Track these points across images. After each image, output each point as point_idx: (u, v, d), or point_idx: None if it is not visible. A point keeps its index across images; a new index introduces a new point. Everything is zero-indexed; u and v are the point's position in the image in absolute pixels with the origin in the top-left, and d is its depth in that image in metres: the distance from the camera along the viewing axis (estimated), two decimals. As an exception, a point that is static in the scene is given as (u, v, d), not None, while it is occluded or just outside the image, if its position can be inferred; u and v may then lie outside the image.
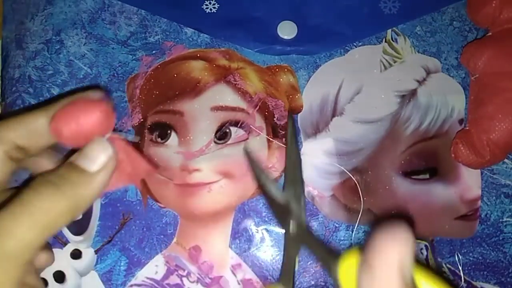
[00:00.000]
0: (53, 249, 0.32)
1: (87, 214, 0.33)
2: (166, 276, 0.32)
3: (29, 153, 0.24)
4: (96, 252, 0.32)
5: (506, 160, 0.33)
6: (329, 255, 0.21)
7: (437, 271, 0.32)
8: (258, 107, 0.34)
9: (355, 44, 0.35)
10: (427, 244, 0.32)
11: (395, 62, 0.34)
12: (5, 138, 0.22)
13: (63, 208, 0.20)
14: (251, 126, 0.33)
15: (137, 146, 0.27)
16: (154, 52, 0.35)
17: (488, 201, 0.33)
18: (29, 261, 0.19)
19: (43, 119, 0.23)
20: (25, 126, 0.23)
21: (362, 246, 0.18)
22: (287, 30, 0.35)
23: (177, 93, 0.34)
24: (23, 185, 0.21)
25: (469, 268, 0.32)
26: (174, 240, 0.32)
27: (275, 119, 0.34)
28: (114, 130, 0.24)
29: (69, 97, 0.24)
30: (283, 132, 0.33)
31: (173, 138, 0.33)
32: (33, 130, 0.23)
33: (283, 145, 0.33)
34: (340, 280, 0.19)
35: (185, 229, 0.32)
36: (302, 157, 0.33)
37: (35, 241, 0.19)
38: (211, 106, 0.34)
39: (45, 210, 0.20)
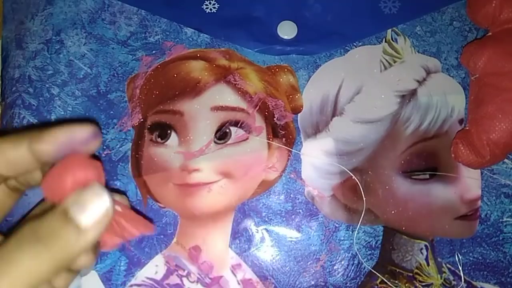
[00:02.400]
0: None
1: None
2: (166, 276, 0.32)
3: (7, 179, 0.23)
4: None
5: (506, 160, 0.33)
6: None
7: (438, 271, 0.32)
8: (258, 107, 0.34)
9: (355, 44, 0.35)
10: (427, 244, 0.32)
11: (395, 62, 0.34)
12: None
13: (47, 267, 0.19)
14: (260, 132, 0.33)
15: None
16: (154, 52, 0.35)
17: (488, 201, 0.33)
18: None
19: (24, 148, 0.21)
20: (3, 155, 0.21)
21: None
22: (287, 30, 0.35)
23: (177, 93, 0.34)
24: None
25: (469, 268, 0.32)
26: (174, 240, 0.32)
27: (275, 119, 0.34)
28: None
29: (51, 129, 0.22)
30: (283, 132, 0.34)
31: (173, 138, 0.33)
32: (11, 160, 0.21)
33: (283, 145, 0.33)
34: None
35: (185, 229, 0.32)
36: (302, 157, 0.33)
37: None
38: (211, 106, 0.34)
39: (27, 270, 0.19)
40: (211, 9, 0.35)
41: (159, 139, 0.33)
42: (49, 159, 0.22)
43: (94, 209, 0.20)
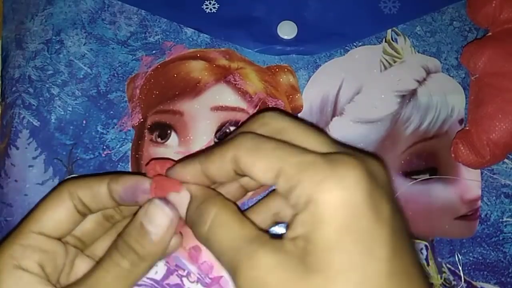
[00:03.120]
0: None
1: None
2: (166, 276, 0.32)
3: (92, 211, 0.26)
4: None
5: (506, 160, 0.33)
6: None
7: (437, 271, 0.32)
8: (258, 107, 0.34)
9: (355, 44, 0.35)
10: (427, 244, 0.32)
11: (395, 62, 0.34)
12: (74, 194, 0.25)
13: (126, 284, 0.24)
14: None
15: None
16: (154, 52, 0.35)
17: (488, 201, 0.33)
18: None
19: (104, 187, 0.25)
20: (90, 188, 0.25)
21: None
22: (287, 30, 0.35)
23: (177, 93, 0.34)
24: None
25: (469, 268, 0.32)
26: (174, 240, 0.32)
27: (275, 119, 0.34)
28: None
29: (127, 174, 0.26)
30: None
31: (173, 138, 0.33)
32: (96, 193, 0.25)
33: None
34: None
35: (185, 229, 0.32)
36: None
37: None
38: (211, 106, 0.34)
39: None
40: (211, 9, 0.35)
41: (159, 139, 0.33)
42: (118, 199, 0.25)
43: (160, 221, 0.24)
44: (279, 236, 0.21)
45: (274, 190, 0.28)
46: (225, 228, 0.22)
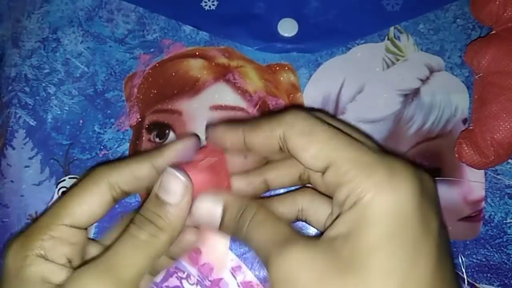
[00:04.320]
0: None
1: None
2: (165, 278, 0.32)
3: (129, 194, 0.26)
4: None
5: (510, 161, 0.33)
6: None
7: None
8: (258, 106, 0.33)
9: (357, 42, 0.34)
10: (430, 245, 0.32)
11: (397, 60, 0.34)
12: (114, 183, 0.24)
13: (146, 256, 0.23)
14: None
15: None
16: (152, 50, 0.35)
17: (492, 202, 0.32)
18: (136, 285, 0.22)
19: (147, 166, 0.25)
20: (131, 173, 0.25)
21: None
22: (287, 28, 0.34)
23: (175, 92, 0.33)
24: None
25: (473, 270, 0.32)
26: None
27: (275, 118, 0.33)
28: None
29: (166, 146, 0.26)
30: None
31: (172, 138, 0.33)
32: (138, 177, 0.25)
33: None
34: None
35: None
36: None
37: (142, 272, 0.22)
38: (210, 105, 0.33)
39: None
40: (210, 6, 0.35)
41: (157, 139, 0.33)
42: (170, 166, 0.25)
43: (175, 188, 0.23)
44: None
45: (303, 187, 0.27)
46: (262, 226, 0.23)
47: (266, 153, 0.24)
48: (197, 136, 0.27)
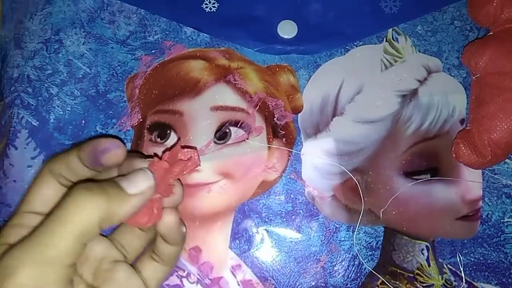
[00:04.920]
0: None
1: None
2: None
3: (74, 182, 0.26)
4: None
5: (507, 160, 0.33)
6: None
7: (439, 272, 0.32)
8: (258, 107, 0.34)
9: (355, 43, 0.35)
10: (428, 244, 0.32)
11: (396, 61, 0.34)
12: (54, 170, 0.26)
13: (94, 219, 0.22)
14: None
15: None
16: (153, 51, 0.35)
17: (489, 202, 0.33)
18: (70, 264, 0.22)
19: (76, 157, 0.25)
20: (65, 162, 0.26)
21: None
22: (287, 29, 0.34)
23: (176, 92, 0.34)
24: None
25: (470, 268, 0.32)
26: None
27: (275, 119, 0.34)
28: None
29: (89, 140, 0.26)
30: (283, 132, 0.33)
31: (173, 138, 0.33)
32: (71, 165, 0.26)
33: (283, 146, 0.33)
34: None
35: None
36: (302, 157, 0.33)
37: (71, 249, 0.21)
38: (210, 106, 0.33)
39: (78, 222, 0.22)
40: (210, 8, 0.35)
41: (158, 139, 0.33)
42: (88, 166, 0.25)
43: (139, 184, 0.24)
44: None
45: None
46: None
47: None
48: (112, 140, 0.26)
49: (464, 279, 0.32)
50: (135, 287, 0.26)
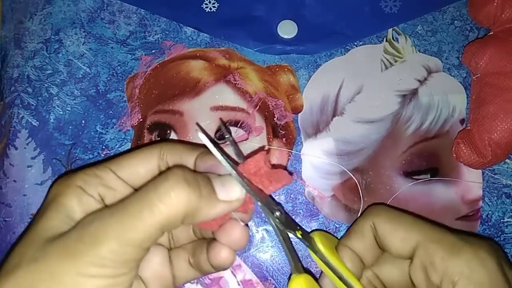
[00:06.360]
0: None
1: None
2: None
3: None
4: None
5: (507, 160, 0.33)
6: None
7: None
8: (258, 107, 0.34)
9: (355, 43, 0.35)
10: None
11: (396, 61, 0.34)
12: (164, 155, 0.26)
13: (181, 213, 0.22)
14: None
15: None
16: (153, 51, 0.35)
17: (489, 202, 0.32)
18: (148, 247, 0.22)
19: (192, 159, 0.25)
20: (180, 156, 0.26)
21: None
22: (287, 30, 0.34)
23: (176, 92, 0.34)
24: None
25: (470, 268, 0.32)
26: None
27: (275, 119, 0.33)
28: None
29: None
30: (283, 132, 0.33)
31: (173, 138, 0.33)
32: (183, 162, 0.25)
33: (283, 146, 0.33)
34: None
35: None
36: (302, 157, 0.33)
37: (153, 237, 0.22)
38: (210, 106, 0.33)
39: (165, 212, 0.21)
40: (210, 8, 0.35)
41: (158, 139, 0.33)
42: (197, 169, 0.25)
43: (232, 192, 0.24)
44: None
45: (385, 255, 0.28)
46: None
47: (371, 256, 0.27)
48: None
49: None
50: (164, 278, 0.26)
